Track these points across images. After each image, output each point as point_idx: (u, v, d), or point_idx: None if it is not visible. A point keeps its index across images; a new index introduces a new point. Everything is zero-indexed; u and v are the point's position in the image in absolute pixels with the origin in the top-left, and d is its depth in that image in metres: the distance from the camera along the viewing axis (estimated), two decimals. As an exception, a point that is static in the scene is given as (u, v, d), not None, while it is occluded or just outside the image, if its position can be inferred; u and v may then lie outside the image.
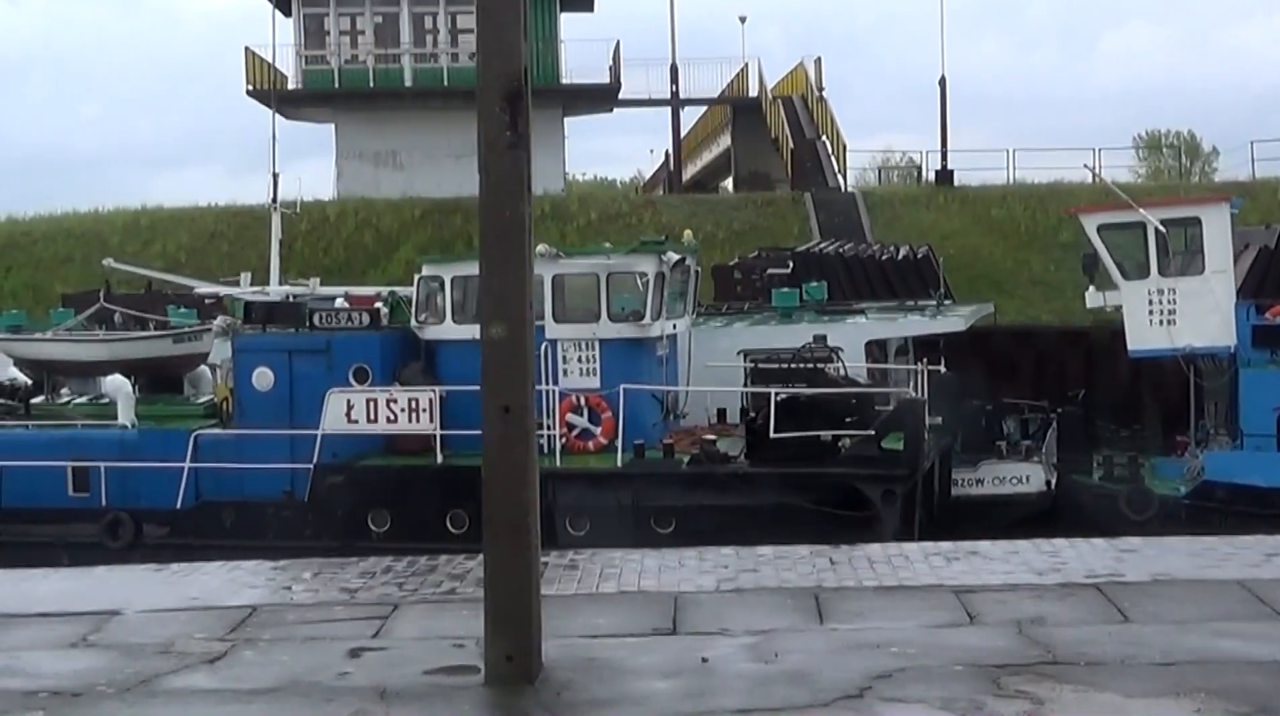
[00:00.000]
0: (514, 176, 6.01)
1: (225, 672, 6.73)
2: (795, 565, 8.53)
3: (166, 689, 6.50)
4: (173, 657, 6.97)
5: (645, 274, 22.90)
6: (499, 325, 6.10)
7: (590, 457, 22.50)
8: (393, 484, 22.45)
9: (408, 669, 6.62)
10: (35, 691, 6.55)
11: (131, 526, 23.07)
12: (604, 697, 6.07)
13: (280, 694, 6.31)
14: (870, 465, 21.14)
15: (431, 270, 23.81)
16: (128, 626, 7.70)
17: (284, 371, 23.25)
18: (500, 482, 6.16)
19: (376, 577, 8.87)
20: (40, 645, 7.38)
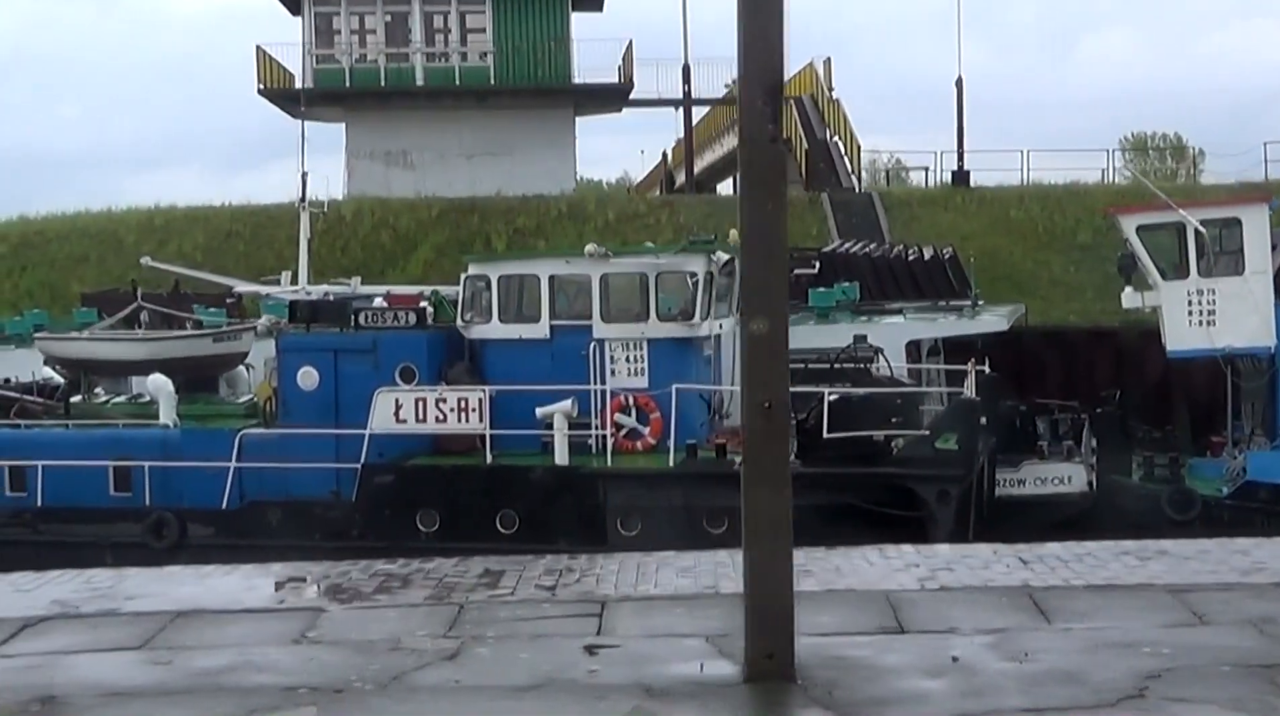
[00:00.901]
0: (774, 171, 5.95)
1: (472, 668, 6.70)
2: (989, 564, 8.50)
3: (422, 685, 6.48)
4: (409, 654, 6.94)
5: (695, 273, 22.84)
6: (760, 320, 6.02)
7: (639, 457, 22.42)
8: (442, 484, 22.36)
9: (653, 667, 6.58)
10: (294, 687, 6.51)
11: (176, 526, 22.96)
12: (880, 696, 6.04)
13: (545, 691, 6.27)
14: (925, 465, 21.10)
15: (478, 269, 23.72)
16: (338, 623, 7.67)
17: (329, 371, 23.14)
18: (762, 480, 6.10)
19: (563, 576, 8.75)
20: (265, 640, 7.37)
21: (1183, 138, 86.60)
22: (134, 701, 6.49)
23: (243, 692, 6.47)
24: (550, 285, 23.23)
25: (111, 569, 10.20)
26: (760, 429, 6.13)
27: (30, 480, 23.67)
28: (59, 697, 6.51)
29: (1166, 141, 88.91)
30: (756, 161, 5.94)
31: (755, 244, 6.09)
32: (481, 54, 53.55)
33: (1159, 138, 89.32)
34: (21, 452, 23.89)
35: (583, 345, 22.85)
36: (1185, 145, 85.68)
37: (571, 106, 54.80)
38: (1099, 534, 18.22)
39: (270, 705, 6.24)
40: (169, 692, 6.58)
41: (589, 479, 21.81)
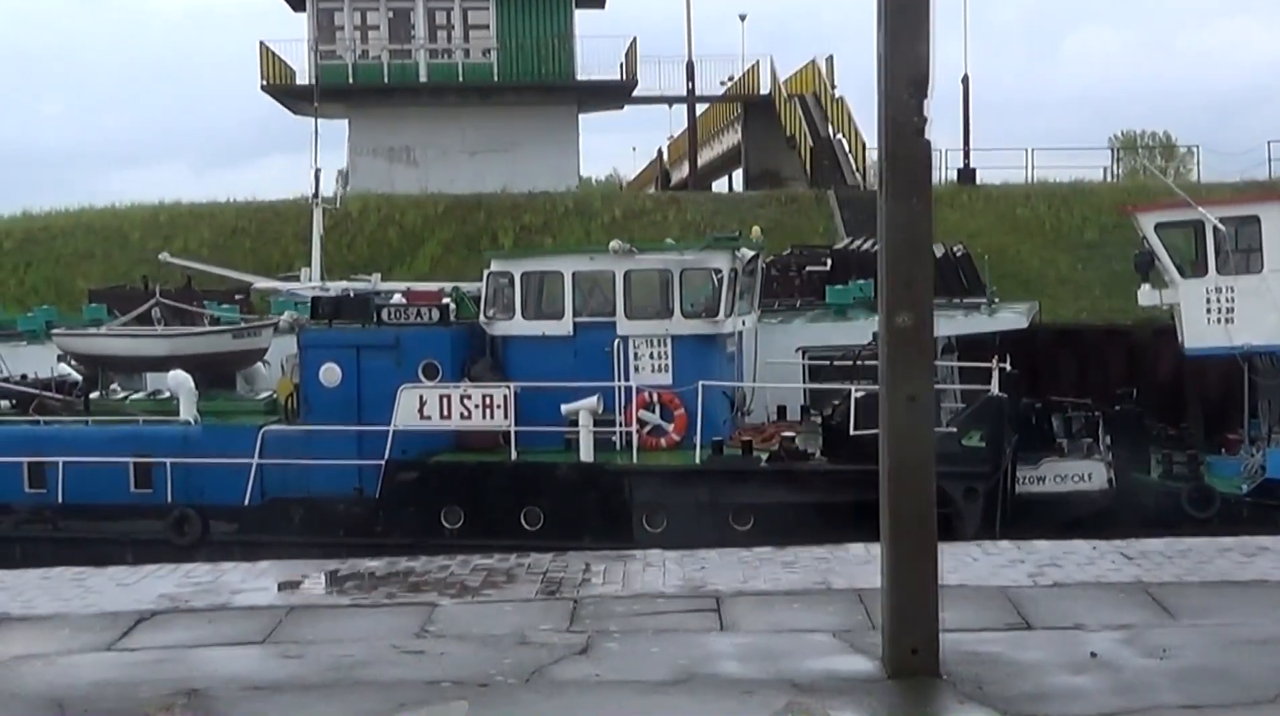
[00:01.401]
0: (921, 163, 5.93)
1: (610, 664, 6.68)
2: (1093, 560, 8.51)
3: (563, 679, 6.46)
4: (539, 649, 6.92)
5: (719, 270, 22.83)
6: (905, 314, 6.00)
7: (663, 454, 22.40)
8: (466, 480, 22.32)
9: (789, 662, 6.56)
10: (436, 681, 6.48)
11: (198, 523, 22.90)
12: (1032, 692, 6.03)
13: (691, 686, 6.25)
14: (952, 462, 21.04)
15: (501, 266, 23.69)
16: (455, 617, 7.66)
17: (352, 367, 23.11)
18: (906, 474, 6.07)
19: (666, 570, 8.72)
20: (386, 634, 7.36)
21: (1172, 136, 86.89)
22: (278, 695, 6.46)
23: (384, 686, 6.45)
24: (573, 282, 23.19)
25: (207, 563, 10.15)
26: (905, 422, 6.10)
27: (50, 477, 23.59)
28: (201, 690, 6.48)
29: (1156, 140, 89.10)
30: (902, 154, 5.91)
31: (899, 237, 6.07)
32: (485, 50, 53.51)
33: (1148, 136, 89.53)
34: (41, 449, 23.79)
35: (606, 342, 22.84)
36: (1175, 144, 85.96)
37: (575, 103, 54.78)
38: (1118, 532, 18.26)
39: (418, 699, 6.21)
40: (310, 686, 6.56)
41: (615, 476, 21.79)
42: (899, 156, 5.94)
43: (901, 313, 6.03)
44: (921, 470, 6.14)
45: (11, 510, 23.86)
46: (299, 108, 56.87)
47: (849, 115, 52.62)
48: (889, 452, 6.21)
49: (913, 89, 5.77)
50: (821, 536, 15.51)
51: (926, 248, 6.11)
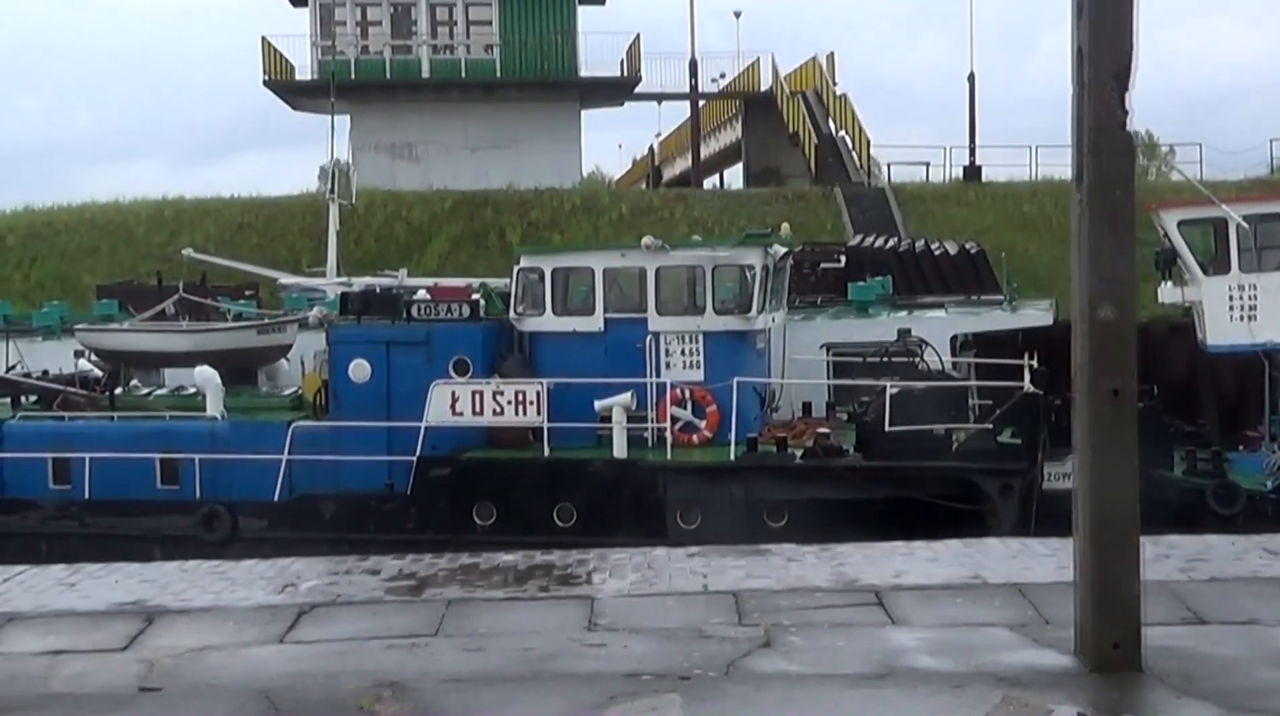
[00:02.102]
0: (1124, 155, 5.91)
1: (801, 658, 6.68)
2: (1239, 555, 8.52)
3: (762, 672, 6.43)
4: (721, 642, 6.91)
5: (752, 266, 22.80)
6: (1108, 307, 5.98)
7: (695, 451, 22.37)
8: (499, 477, 22.25)
9: (984, 657, 6.55)
10: (637, 673, 6.46)
11: (228, 519, 22.79)
12: (1245, 687, 6.03)
13: (894, 679, 6.24)
14: (988, 458, 21.13)
15: (530, 262, 23.62)
16: (618, 610, 7.65)
17: (381, 363, 23.02)
18: (1108, 468, 6.04)
19: (811, 565, 8.69)
20: (557, 627, 7.36)
21: (1154, 135, 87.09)
22: (483, 688, 6.43)
23: (585, 679, 6.42)
24: (604, 278, 23.15)
25: (336, 557, 10.09)
26: (1108, 416, 6.07)
27: (76, 473, 23.46)
28: (400, 682, 6.45)
29: (1138, 139, 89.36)
30: (1106, 147, 5.90)
31: (1103, 230, 6.04)
32: (487, 46, 53.44)
33: None
34: (67, 445, 23.65)
35: (637, 338, 22.80)
36: (1156, 143, 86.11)
37: (577, 100, 54.75)
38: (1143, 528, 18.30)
39: (627, 691, 6.18)
40: (511, 679, 6.53)
41: (649, 472, 21.75)
42: (1102, 149, 5.92)
43: (1104, 306, 6.01)
44: (1124, 464, 6.12)
45: (37, 506, 23.72)
46: (299, 103, 56.79)
47: (852, 112, 52.66)
48: (1090, 446, 6.18)
49: (1115, 81, 5.76)
50: (857, 533, 15.56)
51: (1130, 241, 6.09)
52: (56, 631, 7.71)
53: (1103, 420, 6.13)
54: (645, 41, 53.21)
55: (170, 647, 7.23)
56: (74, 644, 7.41)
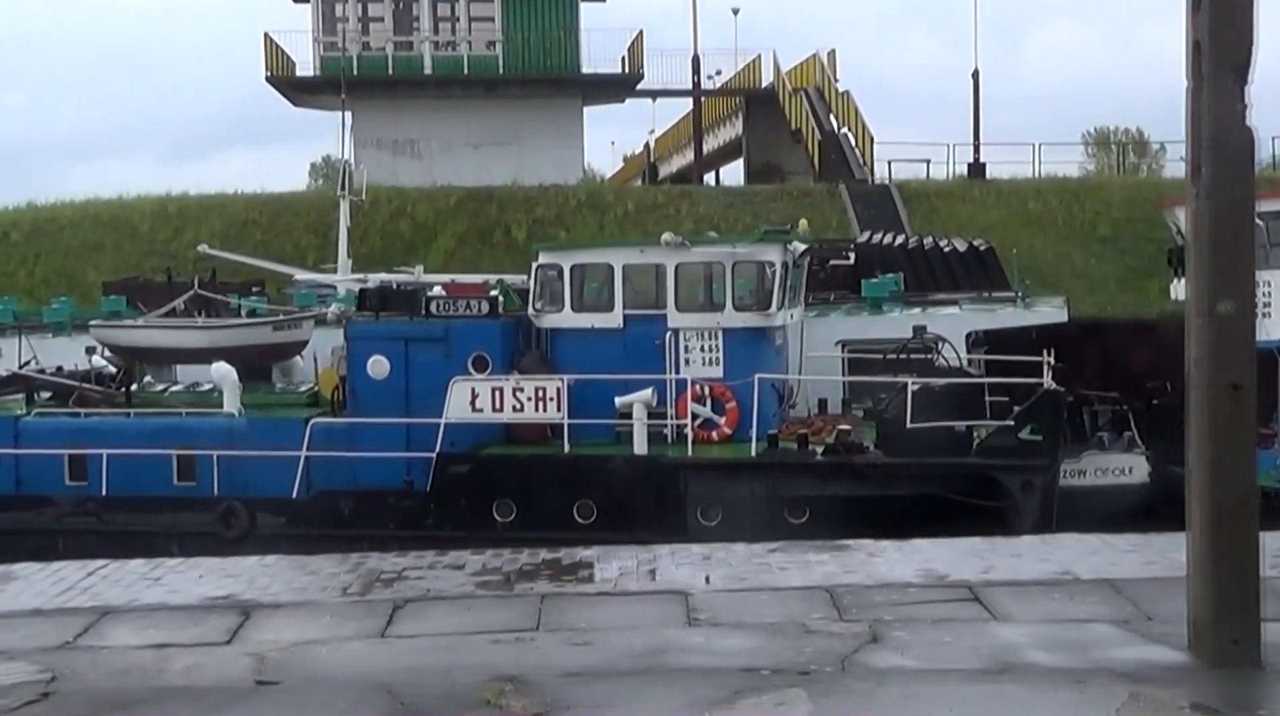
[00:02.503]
0: (1244, 150, 5.89)
1: (913, 653, 6.69)
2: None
3: (880, 667, 6.44)
4: (830, 638, 6.91)
5: (772, 263, 22.78)
6: (1227, 302, 5.96)
7: (714, 447, 22.34)
8: (519, 473, 22.20)
9: (1097, 652, 6.54)
10: (756, 668, 6.45)
11: (246, 516, 22.74)
12: None
13: (1014, 675, 6.23)
14: (1010, 455, 21.12)
15: (550, 258, 23.57)
16: (715, 605, 7.64)
17: (400, 359, 22.96)
18: (1227, 463, 6.03)
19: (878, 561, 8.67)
20: (658, 622, 7.37)
21: (1144, 132, 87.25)
22: (601, 682, 6.43)
23: (704, 673, 6.41)
24: (624, 274, 23.12)
25: (421, 552, 10.07)
26: (1227, 411, 6.06)
27: (93, 469, 23.38)
28: (518, 676, 6.44)
29: (1129, 136, 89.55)
30: (1224, 141, 5.88)
31: (1223, 224, 6.02)
32: (489, 43, 53.39)
33: (1120, 132, 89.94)
34: (83, 441, 23.57)
35: (656, 334, 22.77)
36: (1147, 140, 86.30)
37: (579, 96, 54.73)
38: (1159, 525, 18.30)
39: (749, 686, 6.18)
40: (627, 673, 6.53)
41: (670, 468, 21.73)
42: (1222, 143, 5.90)
43: (1224, 300, 5.99)
44: (1244, 459, 6.11)
45: (54, 502, 23.64)
46: (301, 99, 56.71)
47: (855, 110, 52.66)
48: (1209, 440, 6.17)
49: (1235, 75, 5.74)
50: (879, 530, 15.55)
51: (1249, 236, 6.07)
52: (154, 625, 7.71)
53: (1222, 415, 6.12)
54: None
55: (273, 642, 7.22)
56: (175, 637, 7.41)
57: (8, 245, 44.20)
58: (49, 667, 7.04)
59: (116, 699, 6.35)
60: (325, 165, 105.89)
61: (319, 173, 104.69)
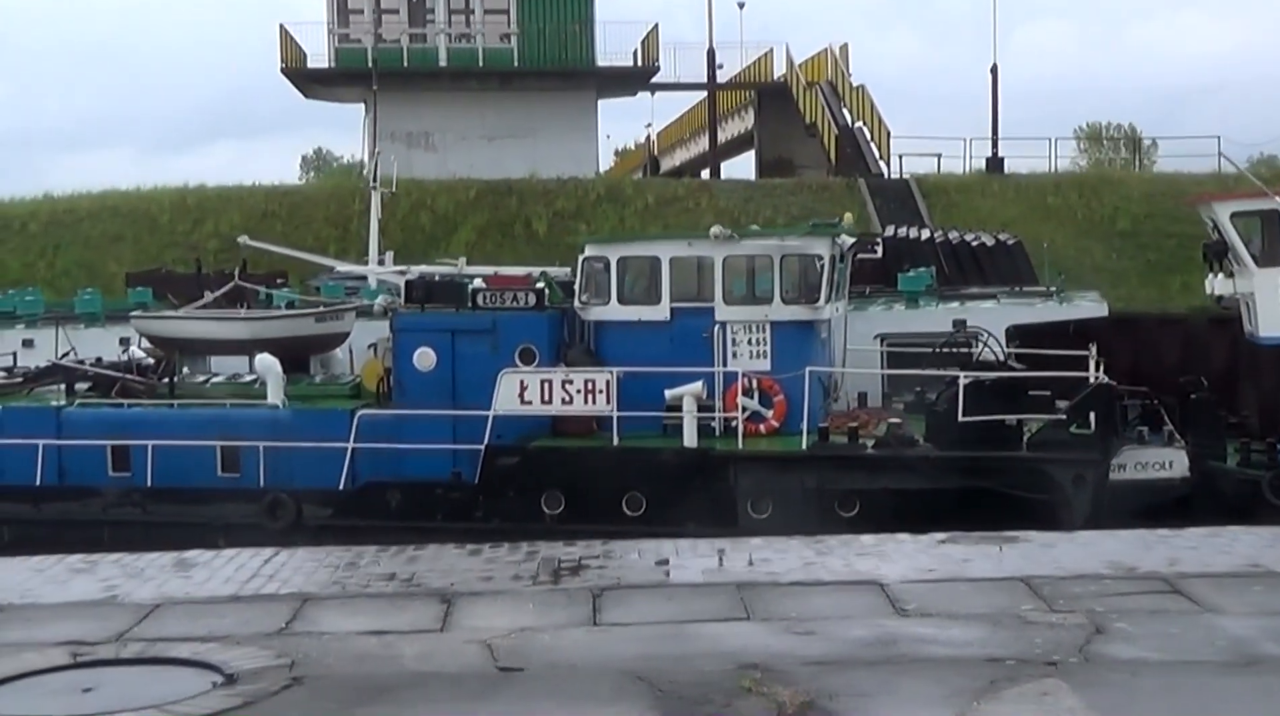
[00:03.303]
0: None
1: (1145, 644, 6.72)
2: None
3: (1121, 658, 6.46)
4: (1051, 629, 6.94)
5: (821, 256, 22.81)
6: None
7: (762, 440, 22.37)
8: (568, 466, 22.21)
9: None
10: (1000, 659, 6.47)
11: (292, 507, 22.72)
12: None
13: (1261, 669, 6.23)
14: (1062, 449, 21.18)
15: (596, 251, 23.57)
16: (916, 596, 7.67)
17: (446, 351, 22.96)
18: None
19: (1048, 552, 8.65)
20: (860, 612, 7.37)
21: (1137, 128, 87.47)
22: (848, 670, 6.44)
23: (948, 663, 6.44)
24: (671, 267, 23.13)
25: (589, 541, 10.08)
26: None
27: (137, 460, 23.37)
28: (763, 665, 6.46)
29: (1121, 132, 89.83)
30: None
31: None
32: (503, 35, 53.31)
33: (1113, 128, 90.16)
34: (127, 432, 23.55)
35: (704, 327, 22.79)
36: (1140, 136, 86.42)
37: (594, 89, 54.66)
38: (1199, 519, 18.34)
39: (1002, 676, 6.19)
40: (872, 662, 6.54)
41: (720, 461, 21.75)
42: None
43: None
44: None
45: (98, 493, 23.62)
46: (314, 91, 56.61)
47: (871, 104, 52.59)
48: None
49: None
50: (929, 524, 15.57)
51: None
52: (358, 612, 7.71)
53: None
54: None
55: (488, 629, 7.24)
56: (387, 624, 7.42)
57: (26, 236, 44.09)
58: (283, 653, 7.09)
59: (370, 684, 6.38)
60: (317, 158, 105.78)
61: (310, 165, 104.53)
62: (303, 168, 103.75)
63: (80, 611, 8.67)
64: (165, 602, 8.79)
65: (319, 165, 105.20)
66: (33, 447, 23.51)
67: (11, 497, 23.62)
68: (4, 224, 44.56)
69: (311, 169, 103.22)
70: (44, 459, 23.51)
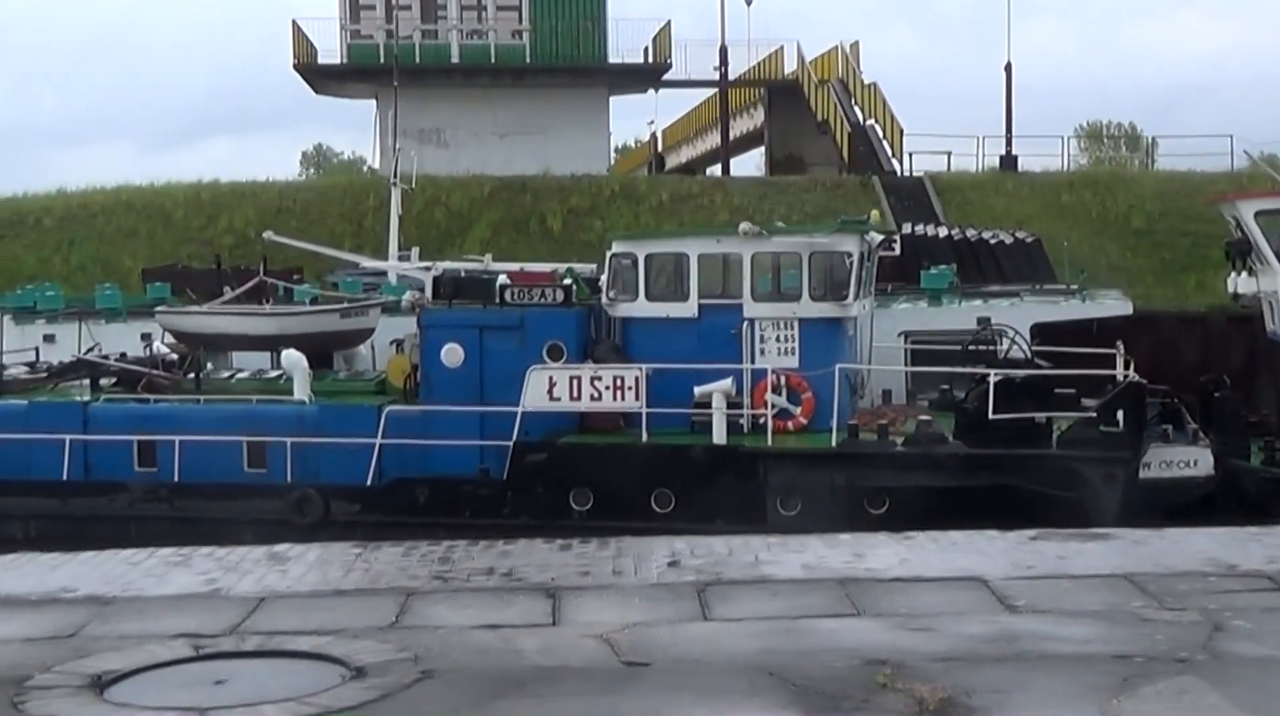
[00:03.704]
0: None
1: (1272, 641, 6.67)
2: None
3: (1249, 656, 6.46)
4: (1170, 626, 6.93)
5: (850, 253, 22.80)
6: None
7: (789, 438, 22.36)
8: (597, 462, 22.18)
9: None
10: (1125, 656, 6.45)
11: (320, 503, 22.72)
12: None
13: None
14: (1093, 447, 21.17)
15: (624, 247, 23.55)
16: (1022, 592, 7.69)
17: (474, 347, 22.96)
18: None
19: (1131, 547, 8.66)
20: (973, 608, 7.40)
21: (1137, 126, 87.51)
22: (979, 667, 6.44)
23: (1074, 659, 6.43)
24: (699, 264, 23.12)
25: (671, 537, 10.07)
26: None
27: (163, 455, 23.35)
28: (890, 661, 6.45)
29: (1121, 130, 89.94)
30: None
31: None
32: (515, 32, 53.31)
33: (1113, 127, 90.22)
34: (153, 427, 23.54)
35: (732, 324, 22.77)
36: (1140, 134, 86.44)
37: (606, 86, 54.67)
38: (1222, 518, 18.34)
39: (1133, 673, 6.20)
40: (1000, 659, 6.54)
41: (750, 458, 21.74)
42: None
43: None
44: None
45: (125, 488, 23.61)
46: (326, 87, 56.60)
47: (883, 101, 52.58)
48: None
49: None
50: (959, 521, 15.57)
51: None
52: (466, 605, 7.71)
53: None
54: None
55: (602, 622, 7.25)
56: (498, 618, 7.43)
57: (41, 231, 44.08)
58: (405, 646, 7.10)
59: (501, 677, 6.37)
60: (317, 154, 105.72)
61: (310, 161, 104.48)
62: (303, 164, 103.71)
63: (188, 604, 8.70)
64: (269, 596, 8.80)
65: (319, 161, 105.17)
66: (59, 443, 23.49)
67: (39, 492, 23.62)
68: (19, 219, 44.55)
69: (312, 165, 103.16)
70: (70, 454, 23.49)
